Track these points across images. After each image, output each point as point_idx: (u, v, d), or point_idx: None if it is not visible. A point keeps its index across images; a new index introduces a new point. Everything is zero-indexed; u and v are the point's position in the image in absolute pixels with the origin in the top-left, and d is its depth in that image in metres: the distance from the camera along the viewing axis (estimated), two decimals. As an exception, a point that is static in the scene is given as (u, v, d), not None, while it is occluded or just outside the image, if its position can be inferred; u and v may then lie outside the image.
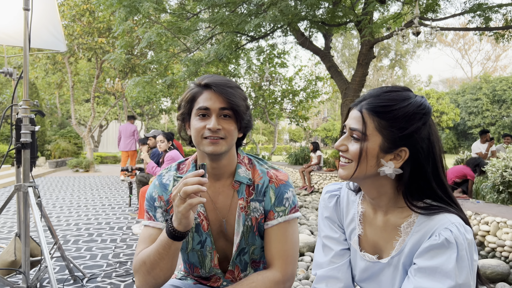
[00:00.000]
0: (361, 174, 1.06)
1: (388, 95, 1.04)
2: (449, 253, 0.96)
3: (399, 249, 1.08)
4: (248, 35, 10.29)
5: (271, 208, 1.36)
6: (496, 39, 10.17)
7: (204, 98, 1.28)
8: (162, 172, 1.44)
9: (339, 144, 1.09)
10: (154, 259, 1.21)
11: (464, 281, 0.94)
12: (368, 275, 1.18)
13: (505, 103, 26.49)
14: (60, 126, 20.87)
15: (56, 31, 3.52)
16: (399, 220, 1.09)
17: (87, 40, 13.56)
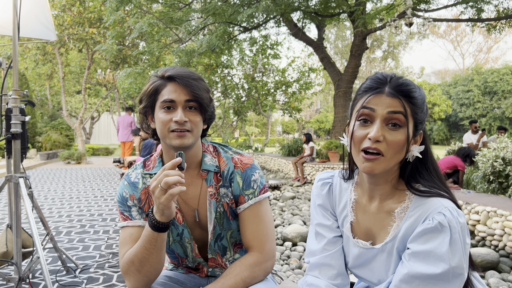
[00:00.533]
0: (393, 162, 1.03)
1: (406, 81, 1.04)
2: (442, 236, 0.97)
3: (393, 234, 1.08)
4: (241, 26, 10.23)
5: (241, 193, 1.36)
6: (488, 30, 10.22)
7: (168, 90, 1.26)
8: (129, 171, 1.42)
9: (379, 134, 0.99)
10: (142, 256, 1.20)
11: (457, 263, 0.95)
12: (361, 261, 1.18)
13: (496, 94, 26.69)
14: (51, 118, 20.69)
15: (46, 20, 3.47)
16: (393, 206, 1.10)
17: (78, 31, 13.40)
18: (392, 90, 1.01)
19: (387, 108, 1.00)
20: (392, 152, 1.01)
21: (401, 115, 1.00)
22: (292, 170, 10.66)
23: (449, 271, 0.95)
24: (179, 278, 1.47)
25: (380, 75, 1.06)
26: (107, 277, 3.18)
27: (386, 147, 1.00)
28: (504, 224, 4.02)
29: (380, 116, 1.01)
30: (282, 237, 4.56)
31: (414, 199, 1.06)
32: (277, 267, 3.72)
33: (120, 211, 1.37)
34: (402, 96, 1.01)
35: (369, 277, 1.18)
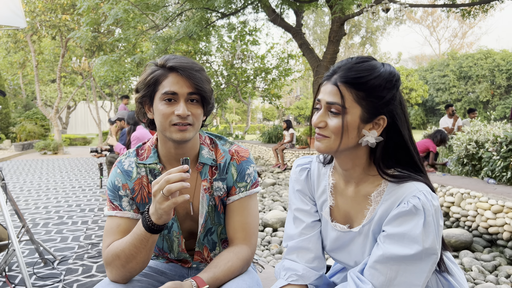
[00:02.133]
0: (343, 147, 1.05)
1: (360, 66, 1.04)
2: (416, 219, 0.99)
3: (369, 217, 1.10)
4: (219, 12, 10.10)
5: (233, 184, 1.36)
6: (463, 15, 10.37)
7: (170, 82, 1.21)
8: (121, 158, 1.37)
9: (318, 121, 1.06)
10: (130, 253, 1.17)
11: (430, 245, 0.98)
12: (339, 244, 1.20)
13: (471, 79, 27.25)
14: (25, 108, 20.14)
15: (15, 6, 3.35)
16: (369, 189, 1.12)
17: (50, 17, 12.99)
18: (337, 78, 1.04)
19: (327, 97, 1.05)
20: (334, 135, 1.04)
21: (337, 105, 1.02)
22: (272, 156, 10.71)
23: (422, 252, 0.97)
24: (160, 267, 1.45)
25: (340, 62, 1.08)
26: (86, 268, 3.15)
27: (328, 131, 1.05)
28: (477, 205, 4.14)
29: (323, 104, 1.06)
30: (263, 223, 4.60)
31: (389, 184, 1.08)
32: (258, 253, 3.76)
33: (109, 199, 1.32)
34: (344, 83, 1.03)
35: (346, 259, 1.21)
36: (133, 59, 10.82)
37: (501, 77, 25.79)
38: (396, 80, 1.05)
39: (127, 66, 13.40)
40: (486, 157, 4.80)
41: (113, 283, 1.23)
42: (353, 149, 1.08)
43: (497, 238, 3.93)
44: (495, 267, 3.39)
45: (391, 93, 1.03)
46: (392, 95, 1.04)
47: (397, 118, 1.06)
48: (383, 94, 1.03)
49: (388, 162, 1.09)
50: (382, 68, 1.04)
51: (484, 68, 26.40)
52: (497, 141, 4.74)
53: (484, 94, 26.42)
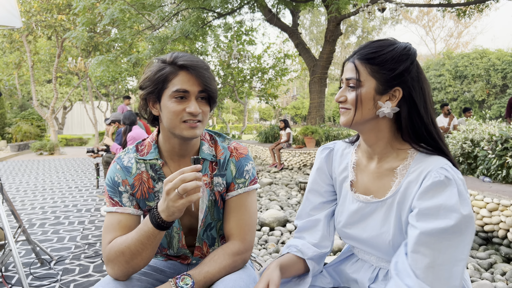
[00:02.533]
0: (360, 118, 1.12)
1: (376, 43, 1.13)
2: (449, 189, 1.00)
3: (395, 190, 1.12)
4: (215, 11, 10.10)
5: (232, 180, 1.37)
6: (458, 15, 10.42)
7: (181, 80, 1.22)
8: (120, 154, 1.37)
9: (339, 95, 1.15)
10: (136, 249, 1.17)
11: (468, 212, 0.97)
12: (356, 218, 1.22)
13: (466, 78, 27.36)
14: (21, 108, 20.06)
15: (11, 6, 3.34)
16: (394, 164, 1.15)
17: (46, 17, 12.95)
18: (355, 56, 1.13)
19: (346, 74, 1.15)
20: (352, 107, 1.12)
21: (353, 79, 1.11)
22: (269, 156, 10.72)
23: (462, 221, 0.96)
24: (159, 266, 1.45)
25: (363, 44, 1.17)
26: (83, 268, 3.15)
27: (348, 104, 1.14)
28: (472, 203, 4.17)
29: (344, 81, 1.16)
30: (260, 222, 4.61)
31: (416, 157, 1.12)
32: (255, 251, 3.76)
33: (109, 195, 1.32)
34: (359, 59, 1.12)
35: (359, 234, 1.21)
36: (129, 59, 10.81)
37: (496, 77, 25.91)
38: (410, 54, 1.10)
39: (123, 66, 13.39)
40: (482, 155, 4.82)
41: (114, 281, 1.23)
42: (374, 121, 1.13)
43: (493, 236, 3.95)
44: (491, 264, 3.41)
45: (403, 66, 1.09)
46: (405, 68, 1.09)
47: (412, 90, 1.10)
48: (395, 66, 1.09)
49: (419, 135, 1.13)
50: (397, 44, 1.12)
51: (480, 68, 26.51)
52: (492, 139, 4.76)
53: (480, 94, 26.53)
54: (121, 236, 1.23)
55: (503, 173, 4.42)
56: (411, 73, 1.09)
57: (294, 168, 9.68)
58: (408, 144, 1.14)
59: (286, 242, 1.25)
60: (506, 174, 4.41)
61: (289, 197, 6.25)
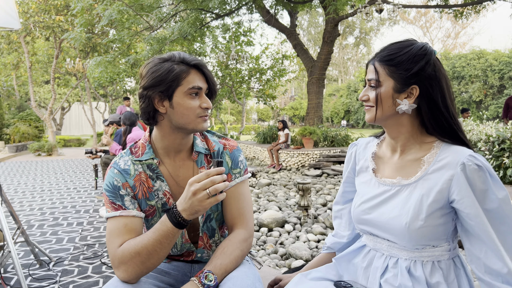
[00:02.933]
0: (381, 115, 1.23)
1: (394, 45, 1.23)
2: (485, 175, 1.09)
3: (420, 175, 1.19)
4: (213, 12, 10.11)
5: (229, 171, 1.44)
6: (455, 16, 10.46)
7: (195, 78, 1.32)
8: (115, 160, 1.40)
9: (362, 95, 1.27)
10: (154, 249, 1.19)
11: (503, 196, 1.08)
12: (378, 201, 1.26)
13: (464, 79, 27.45)
14: (19, 109, 20.03)
15: (9, 7, 3.35)
16: (418, 154, 1.23)
17: (44, 18, 12.93)
18: (375, 58, 1.24)
19: (368, 75, 1.26)
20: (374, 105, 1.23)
21: (373, 80, 1.22)
22: (267, 157, 10.73)
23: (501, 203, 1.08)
24: (163, 268, 1.47)
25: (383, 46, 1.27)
26: (82, 269, 3.16)
27: (370, 102, 1.25)
28: (469, 204, 4.19)
29: (366, 81, 1.27)
30: (258, 223, 4.62)
31: (442, 147, 1.19)
32: (253, 253, 3.77)
33: (110, 201, 1.32)
34: (378, 61, 1.22)
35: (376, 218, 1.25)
36: (127, 60, 10.81)
37: (493, 77, 26.00)
38: (426, 54, 1.18)
39: (121, 67, 13.39)
40: (479, 156, 4.86)
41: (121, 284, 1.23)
42: (395, 117, 1.23)
43: (490, 236, 3.98)
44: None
45: (419, 65, 1.17)
46: (421, 67, 1.17)
47: (429, 88, 1.18)
48: (411, 66, 1.17)
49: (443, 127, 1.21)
50: (414, 45, 1.20)
51: (477, 68, 26.60)
52: (490, 140, 4.79)
53: (477, 94, 26.62)
54: (134, 238, 1.24)
55: (500, 173, 4.45)
56: (427, 71, 1.17)
57: (293, 168, 9.70)
58: (434, 137, 1.22)
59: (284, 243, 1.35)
60: (503, 174, 4.44)
61: (288, 198, 6.26)
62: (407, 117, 1.22)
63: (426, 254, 1.18)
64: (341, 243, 1.51)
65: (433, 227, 1.14)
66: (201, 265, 1.50)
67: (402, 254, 1.20)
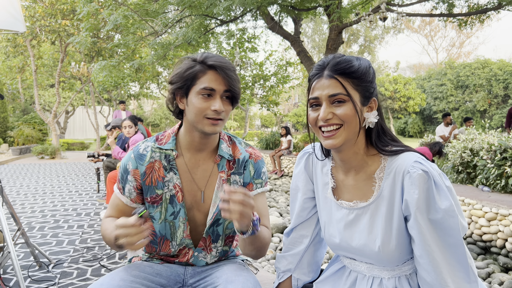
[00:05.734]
0: (349, 134, 1.11)
1: (344, 58, 1.12)
2: (429, 182, 1.03)
3: (376, 194, 1.13)
4: (218, 19, 10.17)
5: (251, 181, 1.47)
6: (459, 25, 10.47)
7: (209, 78, 1.31)
8: (139, 143, 1.46)
9: (326, 113, 1.10)
10: (107, 241, 1.35)
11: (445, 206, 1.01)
12: (342, 226, 1.21)
13: (468, 88, 27.38)
14: (24, 112, 20.15)
15: (15, 10, 3.38)
16: (369, 170, 1.16)
17: (50, 22, 13.04)
18: (329, 72, 1.11)
19: (327, 90, 1.10)
20: (346, 122, 1.10)
21: (341, 94, 1.08)
22: (269, 163, 10.73)
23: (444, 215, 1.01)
24: (155, 268, 1.46)
25: (321, 61, 1.15)
26: (81, 272, 3.16)
27: (337, 119, 1.10)
28: (471, 212, 4.17)
29: (324, 99, 1.11)
30: (258, 229, 4.61)
31: (389, 159, 1.13)
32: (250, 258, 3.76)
33: (119, 178, 1.45)
34: (339, 74, 1.10)
35: (348, 243, 1.20)
36: (132, 64, 10.87)
37: (498, 87, 25.93)
38: (371, 66, 1.15)
39: (126, 72, 13.46)
40: (481, 165, 4.83)
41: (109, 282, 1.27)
42: (356, 135, 1.13)
43: (491, 246, 3.95)
44: (489, 274, 3.41)
45: (373, 77, 1.13)
46: (374, 78, 1.14)
47: (379, 100, 1.17)
48: (370, 78, 1.12)
49: (384, 140, 1.16)
50: (358, 57, 1.14)
51: (481, 78, 26.54)
52: (492, 149, 4.77)
53: (481, 103, 26.53)
54: (110, 220, 1.41)
55: (502, 182, 4.43)
56: (375, 82, 1.15)
57: (294, 175, 9.68)
58: (375, 150, 1.17)
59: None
60: (505, 183, 4.42)
61: (289, 204, 6.25)
62: (362, 133, 1.15)
63: (408, 268, 1.14)
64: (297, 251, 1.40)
65: (407, 243, 1.10)
66: (194, 268, 1.50)
67: (384, 274, 1.15)
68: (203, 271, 1.48)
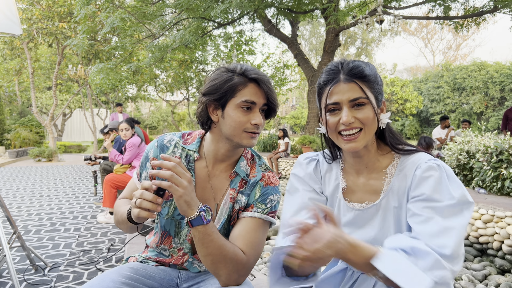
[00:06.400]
0: (371, 135, 1.15)
1: (357, 63, 1.15)
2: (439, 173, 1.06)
3: (386, 189, 1.15)
4: (215, 21, 10.19)
5: (253, 202, 1.39)
6: (456, 28, 10.52)
7: (250, 92, 1.29)
8: (165, 134, 1.46)
9: (349, 117, 1.11)
10: (118, 220, 1.39)
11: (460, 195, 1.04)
12: (354, 227, 1.21)
13: (465, 90, 27.48)
14: (21, 115, 20.10)
15: (11, 13, 3.38)
16: (381, 166, 1.19)
17: (47, 25, 13.02)
18: (346, 76, 1.13)
19: (347, 94, 1.11)
20: (367, 126, 1.13)
21: (362, 98, 1.11)
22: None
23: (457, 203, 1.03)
24: (148, 271, 1.46)
25: (332, 65, 1.16)
26: (77, 275, 3.15)
27: (360, 123, 1.12)
28: (467, 214, 4.17)
29: (345, 104, 1.12)
30: (255, 231, 4.61)
31: (402, 157, 1.17)
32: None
33: (140, 164, 1.47)
34: (357, 78, 1.12)
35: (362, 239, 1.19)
36: (129, 67, 10.86)
37: (494, 89, 26.04)
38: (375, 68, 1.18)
39: (123, 74, 13.45)
40: (477, 167, 4.85)
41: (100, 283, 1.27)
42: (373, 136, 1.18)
43: (487, 248, 3.96)
44: (485, 276, 3.41)
45: (381, 79, 1.17)
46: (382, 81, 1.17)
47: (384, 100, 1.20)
48: (380, 81, 1.16)
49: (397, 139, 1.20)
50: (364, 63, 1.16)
51: (478, 80, 26.64)
52: (488, 151, 4.79)
53: (478, 106, 26.63)
54: (124, 201, 1.48)
55: (498, 184, 4.44)
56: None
57: (292, 177, 9.68)
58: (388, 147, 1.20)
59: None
60: (501, 185, 4.43)
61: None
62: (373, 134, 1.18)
63: None
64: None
65: None
66: (188, 273, 1.49)
67: None
68: (197, 276, 1.48)
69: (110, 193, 4.89)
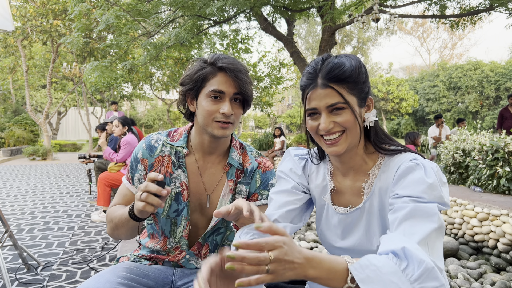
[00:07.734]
0: (354, 137, 1.09)
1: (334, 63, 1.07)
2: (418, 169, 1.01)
3: (369, 192, 1.12)
4: (211, 19, 10.15)
5: (256, 191, 1.42)
6: (451, 27, 10.53)
7: (218, 81, 1.28)
8: (152, 134, 1.45)
9: (327, 123, 1.07)
10: (116, 224, 1.34)
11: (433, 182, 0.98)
12: (340, 230, 1.20)
13: (460, 89, 27.59)
14: (15, 113, 19.97)
15: (3, 9, 3.33)
16: (367, 167, 1.15)
17: (42, 22, 12.92)
18: (323, 80, 1.07)
19: (324, 101, 1.07)
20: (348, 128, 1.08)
21: (339, 103, 1.05)
22: (263, 164, 10.73)
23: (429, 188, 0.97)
24: (143, 270, 1.44)
25: (311, 67, 1.11)
26: (70, 274, 3.11)
27: (339, 127, 1.08)
28: (463, 213, 4.17)
29: (323, 110, 1.08)
30: (251, 230, 4.59)
31: (386, 157, 1.13)
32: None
33: (128, 168, 1.44)
34: (334, 82, 1.06)
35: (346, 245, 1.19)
36: (124, 65, 10.79)
37: (489, 88, 26.16)
38: (361, 62, 1.11)
39: (118, 72, 13.37)
40: (473, 165, 4.85)
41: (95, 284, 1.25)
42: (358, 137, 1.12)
43: (483, 246, 3.96)
44: (481, 274, 3.41)
45: (367, 75, 1.11)
46: (367, 76, 1.11)
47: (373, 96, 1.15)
48: (363, 78, 1.09)
49: (381, 137, 1.15)
50: (347, 58, 1.09)
51: (473, 79, 26.75)
52: (483, 149, 4.79)
53: (473, 105, 26.74)
54: (119, 207, 1.40)
55: (494, 183, 4.44)
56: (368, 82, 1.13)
57: (288, 176, 9.68)
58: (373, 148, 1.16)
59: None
60: (496, 184, 4.43)
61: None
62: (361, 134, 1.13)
63: None
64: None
65: None
66: (184, 270, 1.47)
67: None
68: (192, 273, 1.46)
69: (104, 191, 4.85)
